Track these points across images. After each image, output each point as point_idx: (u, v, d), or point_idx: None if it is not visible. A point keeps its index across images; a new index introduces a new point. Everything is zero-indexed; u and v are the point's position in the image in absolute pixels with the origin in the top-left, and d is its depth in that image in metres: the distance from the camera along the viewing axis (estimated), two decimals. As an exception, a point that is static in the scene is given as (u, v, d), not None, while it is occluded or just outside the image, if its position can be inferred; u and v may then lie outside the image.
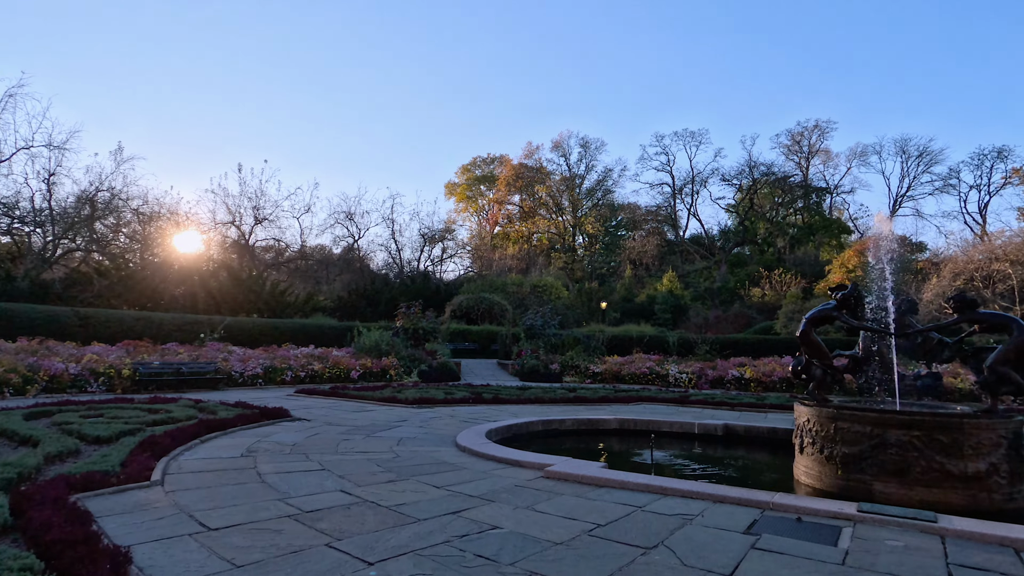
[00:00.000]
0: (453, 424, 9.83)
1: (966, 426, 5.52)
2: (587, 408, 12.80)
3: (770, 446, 9.25)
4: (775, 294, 39.20)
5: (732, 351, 23.52)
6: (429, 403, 12.79)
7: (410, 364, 20.11)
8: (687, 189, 68.63)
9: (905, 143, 60.20)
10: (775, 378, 17.90)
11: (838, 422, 6.10)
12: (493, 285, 38.04)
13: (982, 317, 5.91)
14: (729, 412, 12.46)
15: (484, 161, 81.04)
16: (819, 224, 59.27)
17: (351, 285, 41.81)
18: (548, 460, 6.21)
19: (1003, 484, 5.51)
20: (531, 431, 9.67)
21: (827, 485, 6.12)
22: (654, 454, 8.14)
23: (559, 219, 71.07)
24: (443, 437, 8.33)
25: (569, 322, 33.11)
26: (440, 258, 53.32)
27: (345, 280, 44.69)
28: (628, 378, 19.66)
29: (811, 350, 6.75)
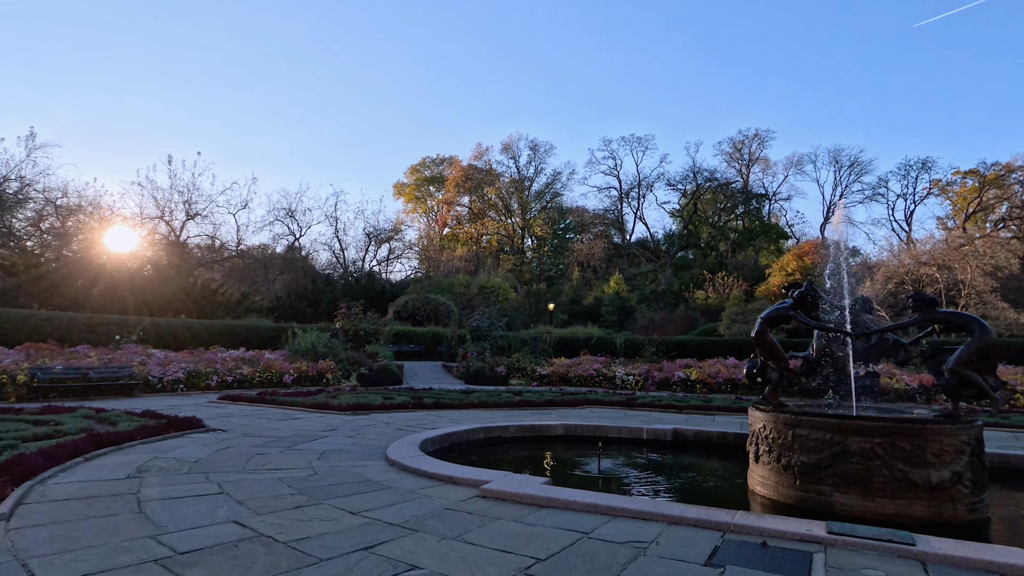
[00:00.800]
0: (387, 433, 9.02)
1: (929, 432, 5.16)
2: (533, 413, 12.20)
3: (720, 451, 8.87)
4: (718, 296, 39.83)
5: (678, 353, 23.49)
6: (364, 409, 11.91)
7: (349, 367, 19.04)
8: (634, 193, 69.53)
9: (838, 153, 62.79)
10: (720, 379, 17.84)
11: (796, 429, 5.67)
12: (440, 286, 37.10)
13: (942, 316, 5.60)
14: (677, 415, 12.11)
15: (433, 162, 79.83)
16: (759, 229, 60.97)
17: (292, 285, 40.00)
18: (485, 476, 5.52)
19: (967, 493, 5.17)
20: (472, 439, 8.96)
21: (784, 496, 5.68)
22: (602, 463, 7.57)
23: (508, 221, 70.64)
24: (372, 449, 7.51)
25: (517, 324, 32.56)
26: (387, 259, 51.89)
27: (286, 280, 42.76)
28: (575, 380, 19.23)
29: (767, 351, 6.33)
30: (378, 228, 48.72)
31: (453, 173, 72.94)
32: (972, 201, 56.23)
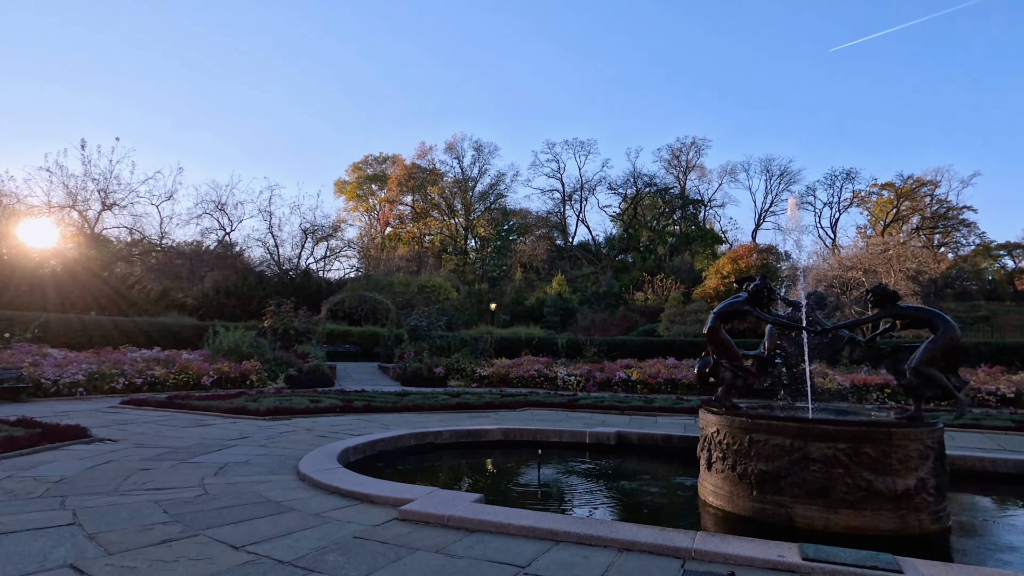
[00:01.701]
0: (306, 441, 8.03)
1: (894, 436, 4.72)
2: (470, 416, 11.42)
3: (665, 455, 8.37)
4: (657, 298, 40.20)
5: (619, 353, 23.24)
6: (286, 414, 10.81)
7: (276, 368, 17.68)
8: (576, 196, 69.87)
9: (769, 163, 65.14)
10: (660, 380, 17.61)
11: (753, 434, 5.14)
12: (379, 284, 35.73)
13: (904, 312, 5.20)
14: (619, 417, 11.60)
15: (376, 160, 77.76)
16: (695, 234, 62.38)
17: (222, 283, 37.59)
18: (408, 493, 4.71)
19: (931, 502, 4.76)
20: (401, 447, 8.09)
21: (740, 508, 5.14)
22: (543, 472, 6.89)
23: (451, 221, 69.55)
24: (284, 460, 6.55)
25: (457, 324, 31.67)
26: (325, 256, 49.79)
27: (216, 277, 40.19)
28: (516, 381, 18.57)
29: (720, 349, 5.80)
30: (315, 224, 46.61)
31: (396, 172, 71.21)
32: (889, 212, 59.43)
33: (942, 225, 61.61)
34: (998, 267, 69.59)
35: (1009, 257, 70.50)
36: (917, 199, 60.85)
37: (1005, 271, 69.46)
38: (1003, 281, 67.53)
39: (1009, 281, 67.85)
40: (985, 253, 66.44)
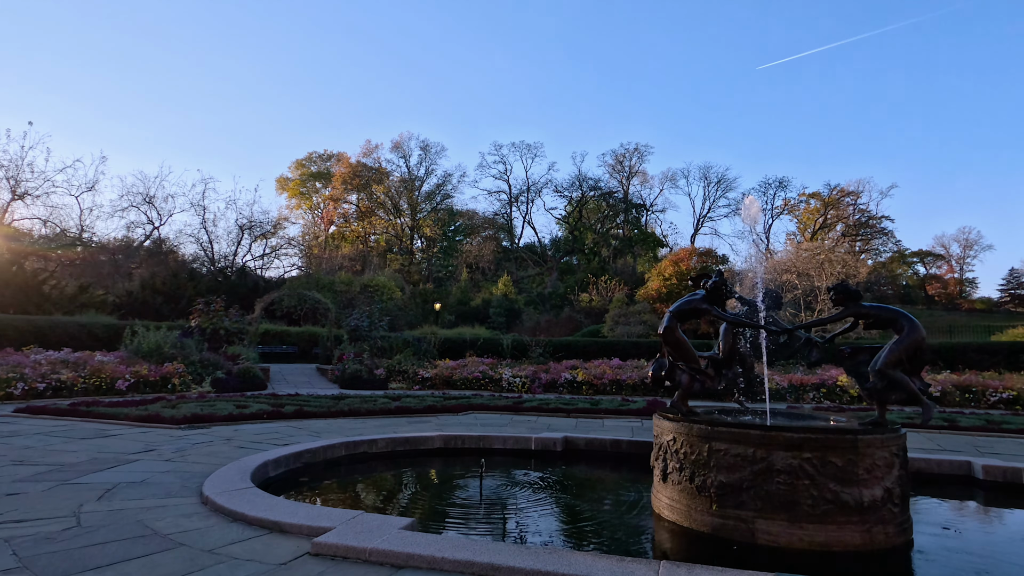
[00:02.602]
0: (222, 453, 7.11)
1: (861, 444, 4.35)
2: (410, 421, 10.66)
3: (614, 461, 7.91)
4: (602, 299, 40.31)
5: (564, 354, 22.91)
6: (205, 421, 9.76)
7: (202, 371, 16.32)
8: (523, 198, 69.68)
9: (707, 170, 66.96)
10: (606, 380, 17.31)
11: (713, 443, 4.68)
12: (320, 283, 34.19)
13: (868, 311, 4.87)
14: (565, 420, 11.12)
15: (320, 157, 75.31)
16: (638, 237, 63.32)
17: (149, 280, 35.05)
18: (326, 519, 3.98)
19: (896, 513, 4.42)
20: (330, 458, 7.28)
21: (698, 523, 4.67)
22: (485, 484, 6.27)
23: (397, 221, 68.05)
24: (190, 478, 5.66)
25: (401, 324, 30.62)
26: (263, 254, 47.43)
27: (144, 274, 37.48)
28: (460, 383, 17.86)
29: (677, 350, 5.33)
30: (253, 220, 44.26)
31: (341, 170, 69.11)
32: (817, 220, 62.10)
33: (863, 233, 64.93)
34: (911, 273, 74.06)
35: (921, 264, 75.20)
36: (841, 208, 63.90)
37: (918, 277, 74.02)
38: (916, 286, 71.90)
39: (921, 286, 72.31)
40: (900, 260, 70.56)
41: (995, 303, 69.08)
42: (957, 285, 72.72)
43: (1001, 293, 70.31)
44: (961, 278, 74.14)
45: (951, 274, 74.66)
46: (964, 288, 73.02)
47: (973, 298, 71.26)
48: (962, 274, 74.57)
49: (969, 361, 17.89)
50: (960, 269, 74.87)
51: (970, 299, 70.71)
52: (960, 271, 74.77)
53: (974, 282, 74.57)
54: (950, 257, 74.94)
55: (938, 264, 75.36)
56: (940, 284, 72.58)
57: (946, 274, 74.80)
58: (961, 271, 74.83)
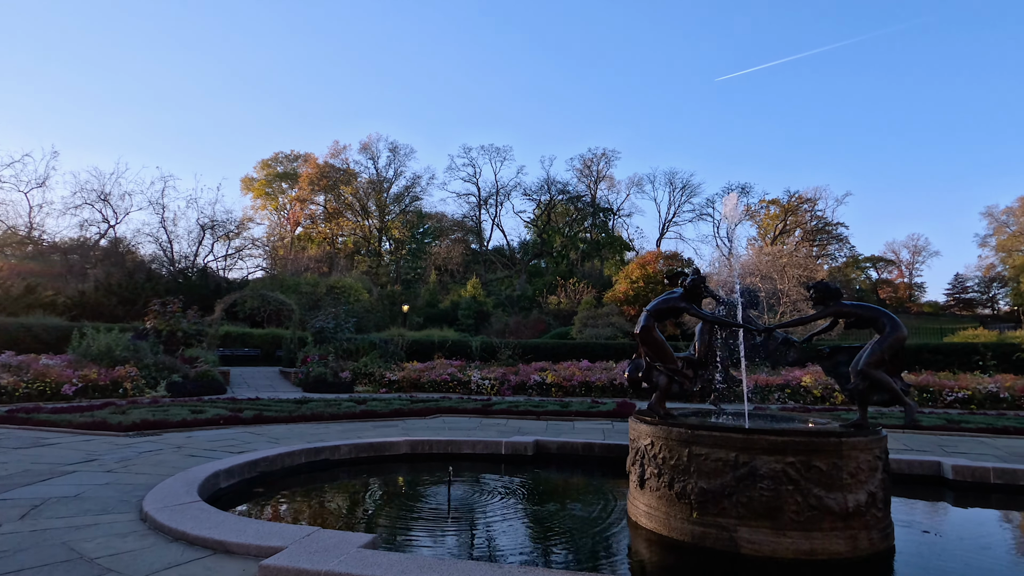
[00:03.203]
0: (171, 463, 6.58)
1: (844, 447, 4.16)
2: (375, 425, 10.21)
3: (585, 465, 7.65)
4: (570, 302, 40.25)
5: (533, 356, 22.66)
6: (156, 428, 9.13)
7: (157, 375, 15.48)
8: (492, 201, 69.33)
9: (673, 176, 67.76)
10: (575, 382, 17.10)
11: (693, 447, 4.43)
12: (285, 284, 33.18)
13: (849, 310, 4.71)
14: (535, 423, 10.83)
15: (287, 158, 73.60)
16: (605, 241, 63.65)
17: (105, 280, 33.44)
18: (278, 537, 3.57)
19: (880, 517, 4.25)
20: (289, 466, 6.82)
21: (678, 532, 4.41)
22: (454, 491, 5.91)
23: (365, 223, 66.91)
24: (131, 491, 5.15)
25: (368, 326, 29.90)
26: (227, 255, 45.90)
27: (99, 275, 35.75)
28: (428, 386, 17.41)
29: (654, 351, 5.08)
30: (215, 219, 42.76)
31: (308, 170, 67.56)
32: (777, 225, 63.48)
33: (820, 238, 66.64)
34: (864, 278, 76.40)
35: (873, 269, 77.67)
36: (800, 214, 65.50)
37: (870, 281, 76.38)
38: (868, 290, 74.19)
39: (873, 290, 74.65)
40: (854, 265, 72.66)
41: (942, 307, 71.87)
42: (907, 289, 75.37)
43: (947, 297, 73.22)
44: (910, 283, 76.87)
45: (901, 279, 77.34)
46: (913, 292, 75.74)
47: (922, 302, 74.00)
48: (911, 279, 77.34)
49: (924, 362, 18.32)
50: (909, 274, 77.63)
51: (919, 303, 73.41)
52: (909, 276, 77.52)
53: (922, 286, 77.49)
54: (900, 262, 77.63)
55: (889, 269, 77.99)
56: (891, 288, 75.09)
57: (896, 279, 77.45)
58: (910, 276, 77.59)
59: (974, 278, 70.24)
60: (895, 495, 5.87)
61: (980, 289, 70.42)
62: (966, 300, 71.31)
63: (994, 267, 63.29)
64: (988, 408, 13.54)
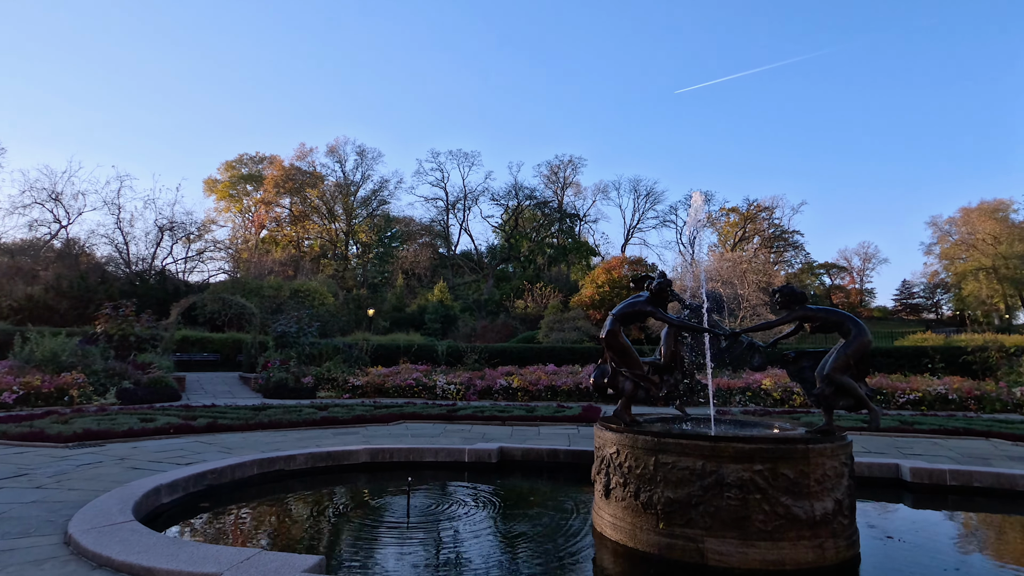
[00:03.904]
0: (111, 476, 6.10)
1: (812, 454, 4.04)
2: (336, 432, 9.80)
3: (551, 472, 7.45)
4: (537, 306, 40.14)
5: (500, 360, 22.39)
6: (100, 438, 8.56)
7: (106, 381, 14.67)
8: (460, 206, 68.93)
9: (637, 183, 68.60)
10: (541, 386, 16.91)
11: (660, 455, 4.25)
12: (247, 288, 32.11)
13: (814, 314, 4.61)
14: (501, 429, 10.57)
15: (252, 160, 71.59)
16: (571, 246, 63.89)
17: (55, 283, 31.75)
18: (213, 563, 3.24)
19: (846, 525, 4.14)
20: (240, 478, 6.40)
21: (644, 543, 4.22)
22: (416, 501, 5.62)
23: (332, 226, 65.61)
24: (60, 510, 4.70)
25: (333, 330, 29.15)
26: (186, 257, 44.30)
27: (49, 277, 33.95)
28: (392, 391, 16.98)
29: (620, 356, 4.90)
30: (175, 221, 41.18)
31: (273, 172, 65.91)
32: (736, 232, 64.80)
33: (777, 246, 68.32)
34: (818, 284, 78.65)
35: (827, 275, 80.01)
36: (758, 222, 67.03)
37: (824, 287, 78.64)
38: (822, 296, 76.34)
39: (827, 296, 76.85)
40: (809, 271, 74.69)
41: (890, 311, 74.59)
42: (858, 295, 77.89)
43: (895, 302, 76.05)
44: (861, 288, 79.52)
45: (853, 285, 79.93)
46: (864, 298, 78.32)
47: (872, 307, 76.58)
48: (862, 285, 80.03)
49: (877, 365, 18.76)
50: (860, 280, 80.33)
51: (869, 308, 75.93)
52: (860, 282, 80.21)
53: (872, 292, 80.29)
54: (852, 269, 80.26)
55: (842, 275, 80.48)
56: (843, 294, 77.46)
57: (848, 284, 80.00)
58: (861, 282, 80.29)
59: (920, 284, 73.24)
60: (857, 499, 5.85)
61: (925, 295, 73.41)
62: (913, 305, 74.20)
63: (938, 274, 65.94)
64: (938, 409, 13.88)
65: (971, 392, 14.16)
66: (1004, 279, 50.64)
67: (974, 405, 13.94)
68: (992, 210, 54.78)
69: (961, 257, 57.44)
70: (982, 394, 14.12)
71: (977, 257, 52.83)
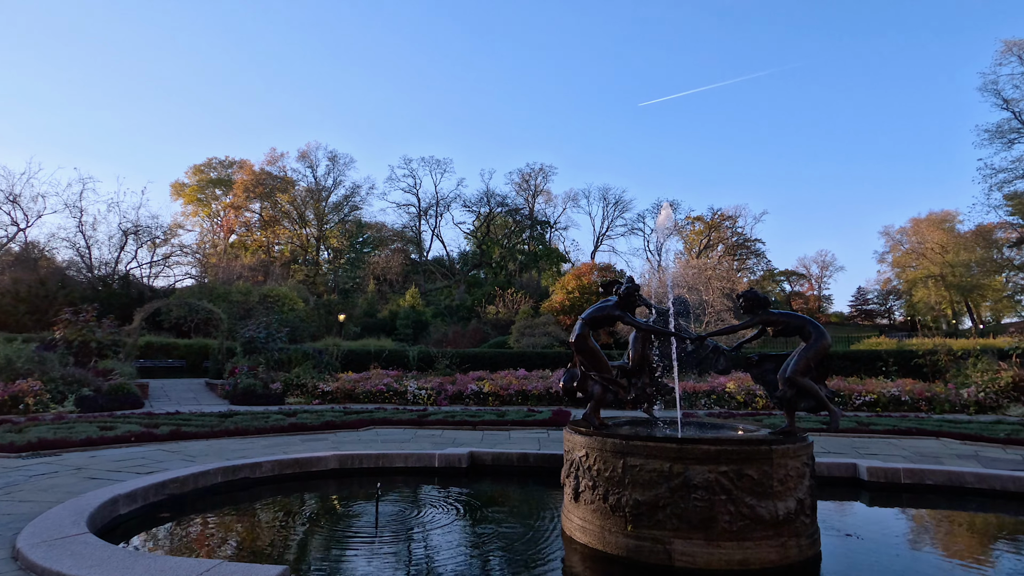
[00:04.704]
0: (66, 486, 5.82)
1: (775, 455, 4.08)
2: (304, 439, 9.58)
3: (520, 476, 7.40)
4: (508, 312, 40.11)
5: (471, 365, 22.25)
6: (56, 447, 8.19)
7: (65, 388, 14.05)
8: (432, 212, 68.60)
9: (606, 192, 69.36)
10: (512, 391, 16.86)
11: (628, 458, 4.25)
12: (215, 293, 31.26)
13: (777, 318, 4.68)
14: (471, 433, 10.48)
15: (221, 164, 69.95)
16: (542, 253, 64.14)
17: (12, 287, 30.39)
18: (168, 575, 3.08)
19: (808, 524, 4.19)
20: (203, 487, 6.17)
21: (612, 546, 4.20)
22: (385, 507, 5.50)
23: (303, 231, 64.55)
24: (9, 524, 4.46)
25: (303, 336, 28.57)
26: (152, 262, 42.92)
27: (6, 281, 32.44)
28: (363, 396, 16.70)
29: (589, 360, 4.89)
30: (140, 224, 39.87)
31: (243, 177, 64.49)
32: (701, 240, 66.00)
33: (740, 253, 69.79)
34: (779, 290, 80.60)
35: (787, 282, 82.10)
36: (722, 231, 68.43)
37: (784, 293, 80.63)
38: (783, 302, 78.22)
39: (787, 302, 78.78)
40: (770, 278, 76.51)
41: (846, 317, 76.92)
42: (816, 301, 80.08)
43: (851, 308, 78.46)
44: (820, 295, 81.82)
45: (811, 291, 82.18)
46: (822, 304, 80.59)
47: (829, 312, 78.87)
48: (820, 291, 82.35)
49: (835, 368, 19.25)
50: (819, 287, 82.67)
51: (827, 313, 78.17)
52: (819, 289, 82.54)
53: (830, 298, 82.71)
54: (811, 276, 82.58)
55: (801, 282, 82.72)
56: (803, 300, 79.56)
57: (807, 291, 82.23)
58: (819, 289, 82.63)
59: (874, 291, 75.76)
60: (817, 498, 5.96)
61: (879, 301, 75.94)
62: (867, 311, 76.65)
63: (891, 281, 68.37)
64: (892, 410, 14.31)
65: (922, 394, 14.64)
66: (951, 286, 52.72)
67: (925, 406, 14.40)
68: (940, 220, 57.06)
69: (912, 265, 59.63)
70: (932, 396, 14.60)
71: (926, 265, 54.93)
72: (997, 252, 50.96)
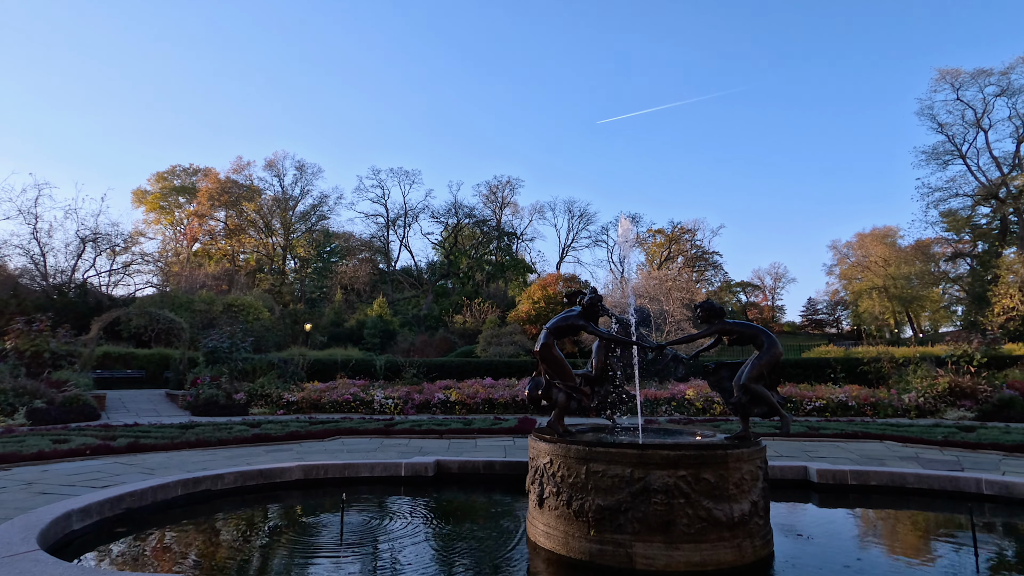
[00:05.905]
0: (15, 502, 5.53)
1: (730, 459, 4.18)
2: (268, 450, 9.33)
3: (487, 484, 7.35)
4: (475, 321, 40.00)
5: (438, 374, 22.08)
6: (6, 461, 7.82)
7: (15, 400, 13.33)
8: (400, 222, 68.06)
9: (571, 204, 70.14)
10: (479, 399, 16.80)
11: (591, 464, 4.28)
12: (177, 302, 30.24)
13: (732, 327, 4.82)
14: (438, 442, 10.39)
15: (185, 171, 67.93)
16: (509, 263, 64.29)
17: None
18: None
19: (761, 525, 4.30)
20: (162, 500, 5.93)
21: (576, 551, 4.22)
22: (350, 518, 5.38)
23: (269, 240, 63.08)
24: (-49, 542, 4.17)
25: (268, 345, 27.85)
26: (111, 270, 41.26)
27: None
28: (329, 406, 16.37)
29: (553, 368, 4.92)
30: (99, 232, 38.33)
31: (208, 185, 62.77)
32: (662, 253, 67.32)
33: (698, 265, 71.43)
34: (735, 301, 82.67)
35: (743, 293, 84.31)
36: (682, 243, 69.97)
37: (740, 304, 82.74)
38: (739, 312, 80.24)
39: (743, 312, 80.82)
40: (727, 289, 78.39)
41: (798, 326, 79.44)
42: (770, 311, 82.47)
43: (802, 318, 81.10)
44: (773, 305, 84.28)
45: (766, 302, 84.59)
46: (775, 314, 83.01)
47: (782, 322, 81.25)
48: (774, 302, 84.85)
49: (787, 375, 19.84)
50: (772, 298, 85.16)
51: (780, 323, 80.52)
52: (772, 299, 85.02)
53: (783, 308, 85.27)
54: (765, 287, 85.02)
55: (756, 293, 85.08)
56: (757, 310, 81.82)
57: (762, 302, 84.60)
58: (773, 299, 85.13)
59: (823, 301, 78.52)
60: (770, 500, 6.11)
61: (828, 311, 78.72)
62: (817, 320, 79.35)
63: (838, 292, 70.88)
64: (840, 415, 14.81)
65: (867, 399, 15.21)
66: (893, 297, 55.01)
67: (870, 411, 14.96)
68: (883, 235, 59.58)
69: (857, 277, 61.98)
70: (876, 401, 15.19)
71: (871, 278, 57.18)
72: (934, 266, 53.59)
